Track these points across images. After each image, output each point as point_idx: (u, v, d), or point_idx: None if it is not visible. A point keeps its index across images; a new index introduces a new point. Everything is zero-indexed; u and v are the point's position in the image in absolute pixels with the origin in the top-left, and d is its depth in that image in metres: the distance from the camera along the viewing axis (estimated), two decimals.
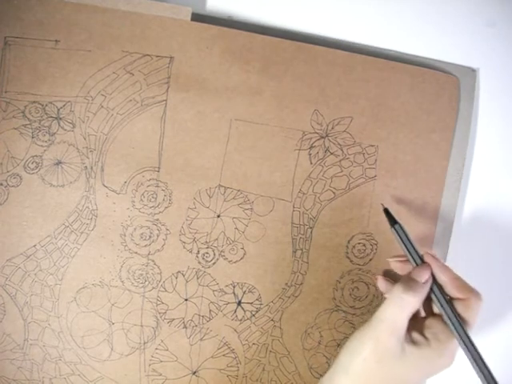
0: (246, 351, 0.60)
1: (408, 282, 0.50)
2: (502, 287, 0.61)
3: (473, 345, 0.48)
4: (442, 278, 0.50)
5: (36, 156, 0.59)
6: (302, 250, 0.59)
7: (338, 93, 0.59)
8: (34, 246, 0.59)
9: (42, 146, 0.59)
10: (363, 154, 0.59)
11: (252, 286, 0.60)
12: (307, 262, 0.59)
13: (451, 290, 0.50)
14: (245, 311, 0.60)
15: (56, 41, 0.59)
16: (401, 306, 0.48)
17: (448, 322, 0.49)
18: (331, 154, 0.60)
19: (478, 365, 0.48)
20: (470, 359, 0.48)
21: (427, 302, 0.52)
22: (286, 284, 0.60)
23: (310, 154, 0.60)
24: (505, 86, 0.60)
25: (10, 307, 0.60)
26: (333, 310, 0.60)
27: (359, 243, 0.59)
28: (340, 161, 0.60)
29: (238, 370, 0.60)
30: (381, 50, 0.60)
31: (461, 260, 0.53)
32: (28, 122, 0.59)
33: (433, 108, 0.59)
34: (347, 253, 0.59)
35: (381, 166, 0.59)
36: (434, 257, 0.51)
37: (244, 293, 0.60)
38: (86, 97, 0.59)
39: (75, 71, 0.59)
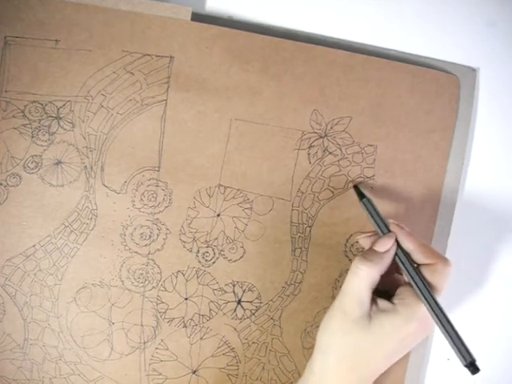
0: (245, 350, 0.60)
1: (366, 253, 0.51)
2: (501, 284, 0.61)
3: (439, 307, 0.49)
4: (408, 246, 0.51)
5: (36, 156, 0.59)
6: (301, 248, 0.60)
7: (338, 92, 0.59)
8: (34, 245, 0.59)
9: (41, 145, 0.59)
10: (362, 153, 0.60)
11: (252, 285, 0.60)
12: (306, 261, 0.60)
13: (418, 256, 0.51)
14: (244, 310, 0.60)
15: (56, 40, 0.59)
16: (358, 276, 0.50)
17: (414, 285, 0.50)
18: (330, 153, 0.60)
19: (444, 326, 0.48)
20: (436, 321, 0.49)
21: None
22: (286, 283, 0.60)
23: (309, 154, 0.60)
24: (505, 86, 0.60)
25: (10, 307, 0.60)
26: None
27: (357, 242, 0.59)
28: (339, 160, 0.60)
29: (237, 368, 0.60)
30: (381, 49, 0.60)
31: (459, 258, 0.53)
32: (28, 122, 0.59)
33: (433, 108, 0.59)
34: (346, 251, 0.60)
35: (379, 165, 0.60)
36: (399, 225, 0.52)
37: (244, 291, 0.60)
38: (85, 96, 0.59)
39: (75, 71, 0.59)
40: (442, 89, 0.59)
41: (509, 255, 0.61)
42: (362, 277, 0.50)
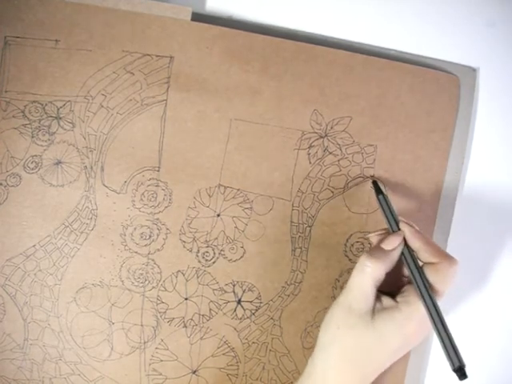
0: (245, 350, 0.60)
1: (373, 249, 0.52)
2: (501, 284, 0.61)
3: (435, 307, 0.48)
4: (415, 244, 0.51)
5: (36, 156, 0.59)
6: (301, 248, 0.60)
7: (338, 92, 0.60)
8: (34, 245, 0.59)
9: (41, 145, 0.59)
10: (362, 153, 0.60)
11: (252, 285, 0.60)
12: (306, 261, 0.60)
13: (424, 255, 0.51)
14: (244, 310, 0.60)
15: (56, 40, 0.59)
16: (364, 272, 0.50)
17: (414, 283, 0.50)
18: (330, 153, 0.60)
19: (437, 328, 0.48)
20: (431, 322, 0.49)
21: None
22: (286, 282, 0.60)
23: (309, 154, 0.60)
24: (505, 86, 0.60)
25: (10, 307, 0.60)
26: None
27: (357, 242, 0.60)
28: (339, 160, 0.60)
29: (237, 368, 0.60)
30: (381, 49, 0.60)
31: (460, 258, 0.53)
32: (28, 122, 0.59)
33: (433, 108, 0.59)
34: (346, 251, 0.60)
35: (379, 165, 0.60)
36: (408, 224, 0.52)
37: (244, 291, 0.60)
38: (86, 96, 0.59)
39: (75, 71, 0.59)
40: (442, 89, 0.59)
41: (509, 255, 0.61)
42: (368, 273, 0.50)
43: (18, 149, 0.59)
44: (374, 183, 0.57)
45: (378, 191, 0.56)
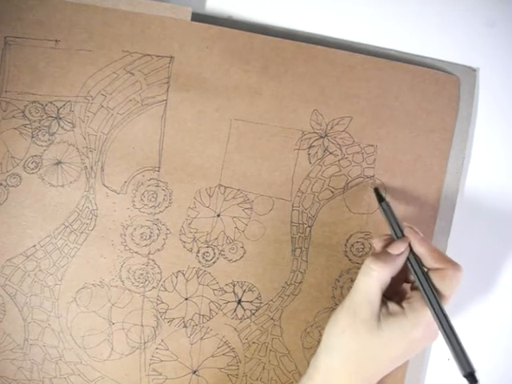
0: (246, 350, 0.60)
1: (379, 254, 0.51)
2: (501, 284, 0.61)
3: (443, 313, 0.48)
4: (420, 250, 0.51)
5: (36, 156, 0.59)
6: (301, 248, 0.60)
7: (338, 92, 0.60)
8: (34, 246, 0.59)
9: (41, 145, 0.59)
10: (362, 153, 0.60)
11: (252, 285, 0.60)
12: (306, 261, 0.60)
13: (429, 261, 0.51)
14: (245, 310, 0.60)
15: (56, 40, 0.59)
16: (370, 276, 0.49)
17: (421, 290, 0.50)
18: (330, 153, 0.60)
19: (446, 333, 0.48)
20: (439, 328, 0.48)
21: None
22: (286, 283, 0.60)
23: (309, 154, 0.60)
24: (505, 86, 0.61)
25: (10, 307, 0.60)
26: (332, 309, 0.60)
27: (358, 242, 0.60)
28: (339, 160, 0.60)
29: (238, 368, 0.60)
30: (381, 49, 0.61)
31: (459, 258, 0.53)
32: (28, 122, 0.59)
33: (433, 108, 0.59)
34: (346, 251, 0.60)
35: (380, 165, 0.60)
36: (413, 230, 0.52)
37: (244, 291, 0.60)
38: (86, 96, 0.59)
39: (75, 71, 0.59)
40: (442, 89, 0.59)
41: (509, 255, 0.61)
42: (374, 277, 0.49)
43: (18, 149, 0.59)
44: (376, 190, 0.57)
45: (380, 199, 0.55)
